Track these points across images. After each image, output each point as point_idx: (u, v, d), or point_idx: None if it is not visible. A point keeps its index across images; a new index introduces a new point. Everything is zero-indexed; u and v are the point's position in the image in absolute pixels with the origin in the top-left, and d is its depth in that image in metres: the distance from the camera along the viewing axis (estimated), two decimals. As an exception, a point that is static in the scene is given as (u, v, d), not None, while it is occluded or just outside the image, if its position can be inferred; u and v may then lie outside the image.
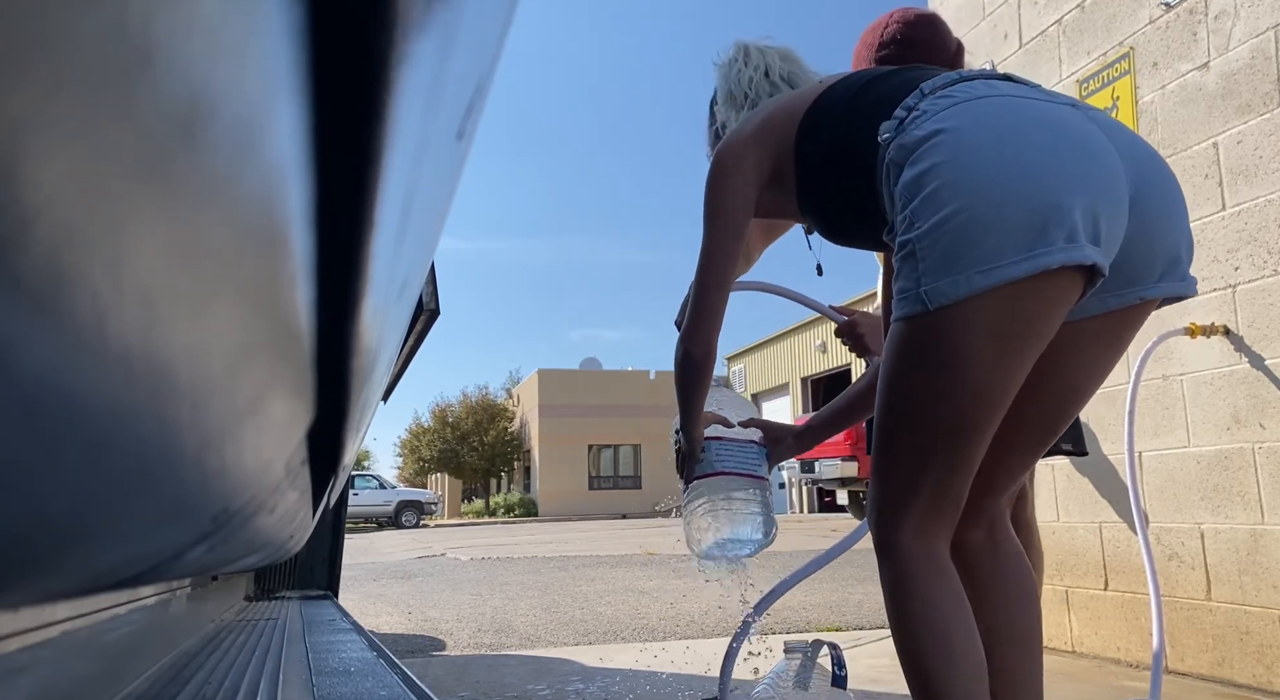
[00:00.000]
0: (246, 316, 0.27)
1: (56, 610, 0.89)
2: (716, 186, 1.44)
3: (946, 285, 1.10)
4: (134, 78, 0.15)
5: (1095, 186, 1.11)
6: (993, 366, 1.15)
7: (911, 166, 1.15)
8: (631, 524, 17.57)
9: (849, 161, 1.29)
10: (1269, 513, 2.48)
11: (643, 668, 3.10)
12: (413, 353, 3.47)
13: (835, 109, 1.35)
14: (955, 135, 1.14)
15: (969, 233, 1.09)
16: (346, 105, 0.26)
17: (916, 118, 1.20)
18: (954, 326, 1.12)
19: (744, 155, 1.41)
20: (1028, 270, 1.08)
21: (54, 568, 0.27)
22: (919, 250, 1.12)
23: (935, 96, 1.22)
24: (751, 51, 1.77)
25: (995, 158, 1.12)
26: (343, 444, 0.69)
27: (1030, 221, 1.09)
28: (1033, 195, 1.09)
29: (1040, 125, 1.15)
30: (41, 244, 0.15)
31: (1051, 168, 1.11)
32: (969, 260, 1.09)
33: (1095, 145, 1.15)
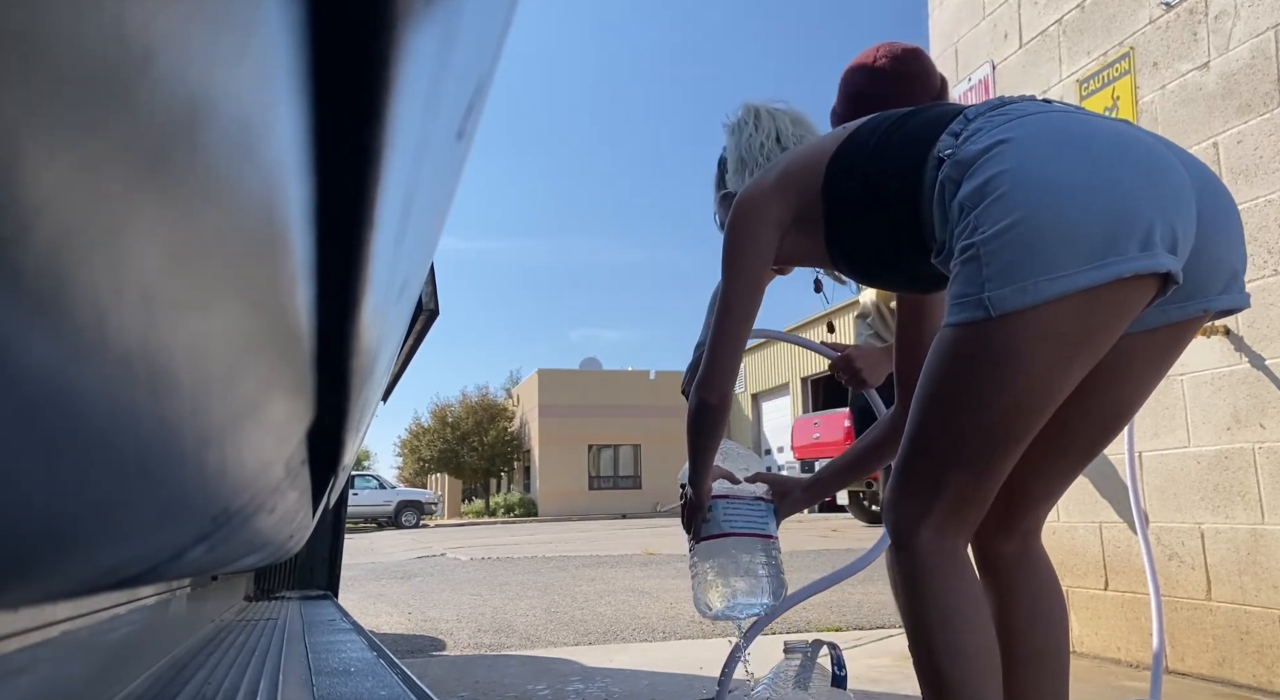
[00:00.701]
0: (246, 316, 0.27)
1: (56, 610, 0.89)
2: (737, 236, 1.42)
3: (1013, 292, 1.07)
4: (134, 78, 0.15)
5: (1167, 195, 1.09)
6: (1047, 376, 1.12)
7: (972, 178, 1.13)
8: (631, 524, 17.57)
9: (887, 195, 1.27)
10: (1269, 513, 2.48)
11: (643, 668, 3.10)
12: (412, 353, 3.47)
13: (864, 150, 1.32)
14: (1020, 144, 1.12)
15: (1038, 239, 1.06)
16: (346, 105, 0.26)
17: (971, 135, 1.18)
18: (1014, 334, 1.09)
19: (765, 205, 1.40)
20: (1100, 278, 1.05)
21: (54, 568, 0.27)
22: (984, 254, 1.09)
23: (987, 116, 1.20)
24: (762, 115, 1.74)
25: (1064, 164, 1.10)
26: (343, 444, 0.69)
27: (1103, 229, 1.06)
28: (1105, 202, 1.07)
29: (1105, 135, 1.13)
30: (41, 244, 0.15)
31: (1122, 175, 1.09)
32: (1037, 267, 1.06)
33: (1161, 156, 1.13)
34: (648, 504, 26.21)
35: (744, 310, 1.42)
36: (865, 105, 1.79)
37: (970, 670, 1.17)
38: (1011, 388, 1.13)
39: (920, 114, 1.31)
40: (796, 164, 1.41)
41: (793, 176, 1.40)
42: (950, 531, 1.21)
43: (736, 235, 1.42)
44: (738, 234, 1.42)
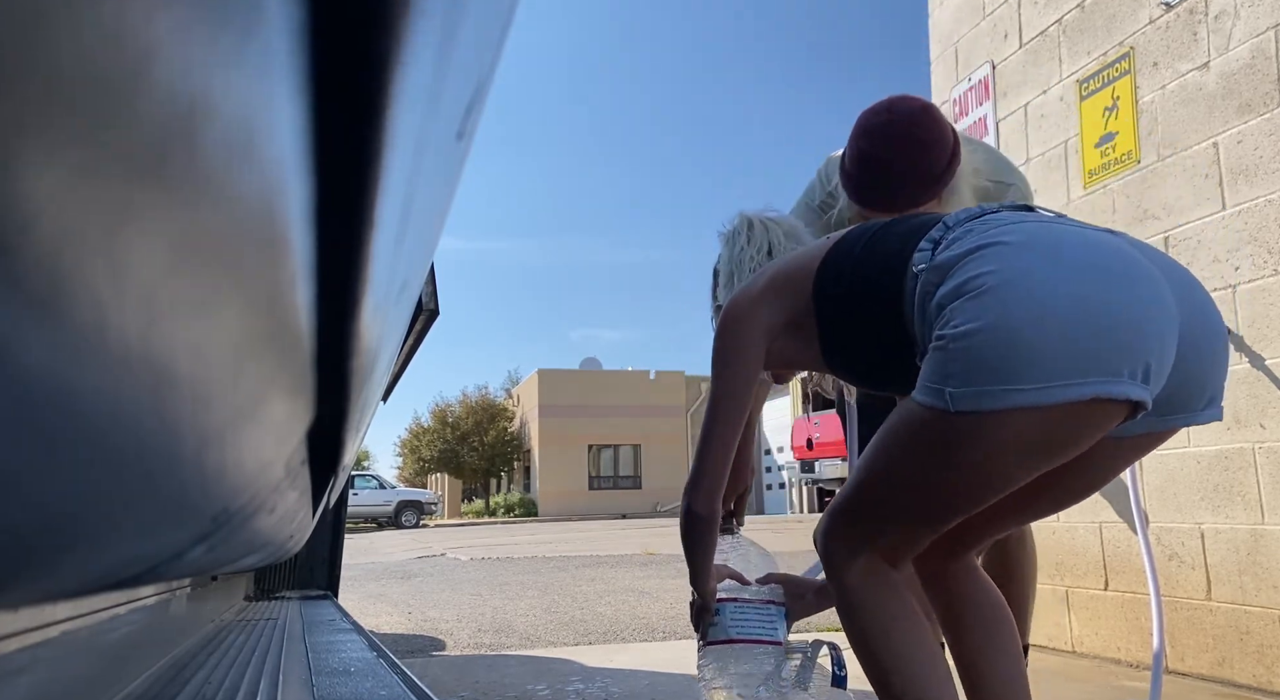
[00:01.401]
0: (246, 316, 0.27)
1: (56, 610, 0.89)
2: (726, 342, 1.43)
3: (974, 395, 1.07)
4: (134, 78, 0.15)
5: (1147, 323, 1.08)
6: (996, 475, 1.15)
7: (952, 278, 1.13)
8: (631, 524, 17.57)
9: (871, 302, 1.27)
10: (1269, 513, 2.48)
11: (643, 668, 3.10)
12: (412, 353, 3.47)
13: (850, 259, 1.33)
14: (1006, 248, 1.11)
15: (1006, 348, 1.06)
16: (346, 105, 0.26)
17: (951, 242, 1.18)
18: (970, 432, 1.10)
19: (752, 312, 1.40)
20: (1058, 398, 1.05)
21: (54, 568, 0.27)
22: (952, 349, 1.09)
23: (967, 224, 1.21)
24: (756, 227, 1.73)
25: (1046, 277, 1.08)
26: (343, 444, 0.69)
27: (1073, 349, 1.05)
28: (1080, 322, 1.06)
29: (1090, 249, 1.12)
30: (41, 244, 0.15)
31: (1103, 298, 1.08)
32: (1002, 375, 1.05)
33: (1145, 275, 1.11)
34: (648, 504, 26.21)
35: (733, 417, 1.42)
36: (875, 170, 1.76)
37: (917, 676, 1.23)
38: (960, 477, 1.16)
39: (903, 223, 1.32)
40: (785, 272, 1.41)
41: (781, 284, 1.40)
42: (880, 567, 1.27)
43: (725, 342, 1.43)
44: (726, 341, 1.43)
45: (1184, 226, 2.78)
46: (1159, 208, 2.87)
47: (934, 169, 1.76)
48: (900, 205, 1.77)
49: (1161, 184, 2.86)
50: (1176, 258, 2.80)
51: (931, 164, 1.75)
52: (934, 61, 4.00)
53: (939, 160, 1.76)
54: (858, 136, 1.80)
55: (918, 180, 1.75)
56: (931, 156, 1.76)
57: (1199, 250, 2.72)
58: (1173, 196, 2.82)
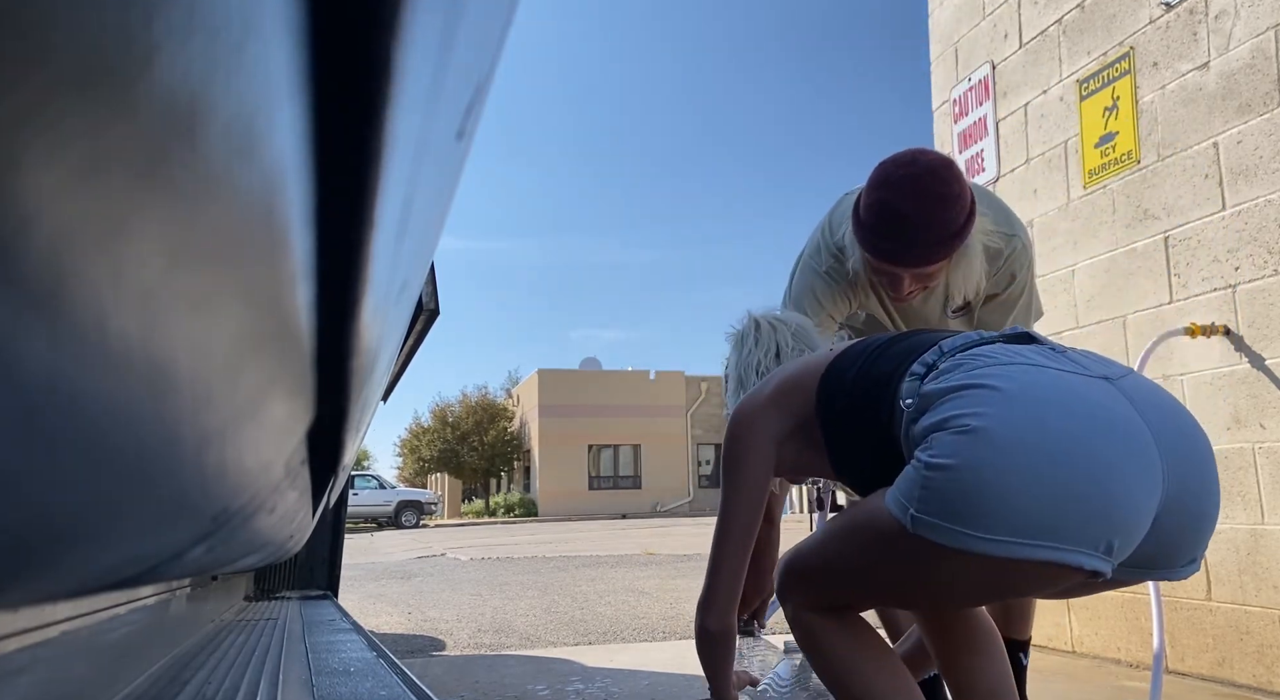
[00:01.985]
0: (246, 316, 0.27)
1: (56, 610, 0.89)
2: (735, 447, 1.42)
3: (934, 527, 1.08)
4: (134, 77, 0.15)
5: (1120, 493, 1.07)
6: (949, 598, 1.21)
7: (934, 412, 1.13)
8: (631, 524, 17.57)
9: (869, 422, 1.28)
10: (1269, 513, 2.48)
11: (643, 668, 3.10)
12: (413, 353, 3.47)
13: (847, 377, 1.34)
14: (990, 394, 1.11)
15: (974, 494, 1.06)
16: (346, 105, 0.26)
17: (940, 374, 1.19)
18: (926, 558, 1.12)
19: (760, 419, 1.40)
20: (1013, 554, 1.06)
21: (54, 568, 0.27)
22: (925, 477, 1.10)
23: (961, 355, 1.21)
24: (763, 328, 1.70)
25: (1027, 432, 1.08)
26: (343, 444, 0.69)
27: (1041, 510, 1.05)
28: (1053, 484, 1.06)
29: (1075, 410, 1.11)
30: (42, 244, 0.15)
31: (1077, 464, 1.07)
32: (964, 516, 1.06)
33: (1131, 443, 1.09)
34: (648, 504, 26.21)
35: (745, 527, 1.40)
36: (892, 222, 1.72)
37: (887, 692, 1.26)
38: (909, 587, 1.20)
39: (900, 342, 1.33)
40: (792, 379, 1.42)
41: (789, 390, 1.41)
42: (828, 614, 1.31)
43: (734, 448, 1.42)
44: (735, 447, 1.42)
45: (1184, 226, 2.78)
46: (1159, 208, 2.86)
47: (951, 226, 1.72)
48: (912, 260, 1.73)
49: (1161, 184, 2.86)
50: (1176, 258, 2.80)
51: (950, 221, 1.71)
52: (934, 61, 4.00)
53: (957, 218, 1.71)
54: (878, 186, 1.73)
55: (934, 236, 1.71)
56: (951, 213, 1.71)
57: (1199, 250, 2.72)
58: (1173, 196, 2.81)
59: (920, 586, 1.19)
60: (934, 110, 3.99)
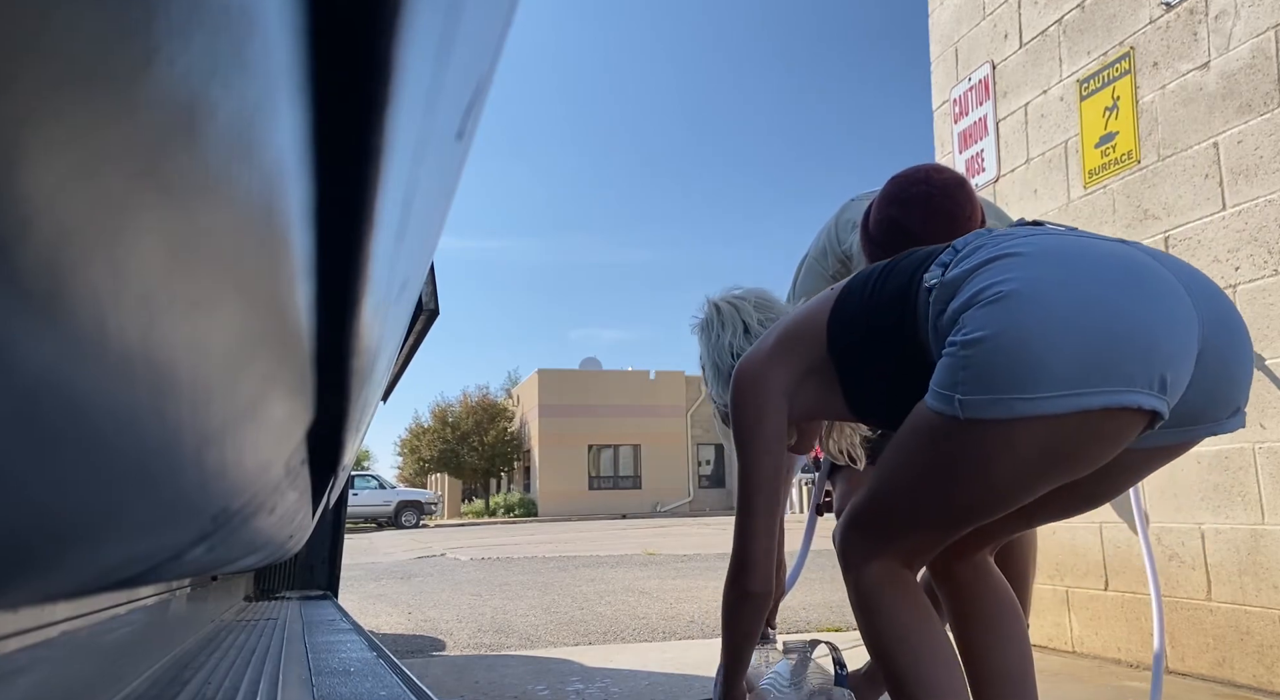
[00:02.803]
0: (246, 316, 0.27)
1: (56, 610, 0.89)
2: (745, 407, 1.38)
3: (984, 402, 1.05)
4: (134, 78, 0.15)
5: (1164, 332, 1.06)
6: (1010, 487, 1.12)
7: (964, 291, 1.11)
8: (631, 524, 17.57)
9: (887, 334, 1.25)
10: (1269, 513, 2.48)
11: (643, 668, 3.10)
12: (413, 353, 3.47)
13: (859, 300, 1.30)
14: (1019, 259, 1.10)
15: (1018, 355, 1.03)
16: (346, 105, 0.26)
17: (961, 260, 1.16)
18: (983, 442, 1.08)
19: (765, 373, 1.37)
20: (1069, 407, 1.03)
21: (54, 568, 0.27)
22: (962, 355, 1.07)
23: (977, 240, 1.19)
24: (724, 310, 1.68)
25: (1061, 285, 1.06)
26: (343, 444, 0.69)
27: (1086, 357, 1.03)
28: (1094, 330, 1.04)
29: (1104, 260, 1.10)
30: (42, 244, 0.15)
31: (1117, 304, 1.05)
32: (1012, 383, 1.03)
33: (1163, 285, 1.09)
34: (648, 504, 26.20)
35: (770, 484, 1.36)
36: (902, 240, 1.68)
37: (931, 677, 1.21)
38: (973, 488, 1.14)
39: (909, 256, 1.30)
40: (792, 330, 1.38)
41: (791, 342, 1.37)
42: (892, 568, 1.26)
43: (743, 408, 1.38)
44: (744, 406, 1.37)
45: (1184, 226, 2.78)
46: (1159, 208, 2.86)
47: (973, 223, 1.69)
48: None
49: (1161, 184, 2.86)
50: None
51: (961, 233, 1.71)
52: (934, 61, 4.00)
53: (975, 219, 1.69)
54: (889, 203, 1.71)
55: None
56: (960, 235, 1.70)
57: (1199, 250, 2.72)
58: (1173, 196, 2.81)
59: (984, 488, 1.13)
60: (934, 110, 3.99)
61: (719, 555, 8.19)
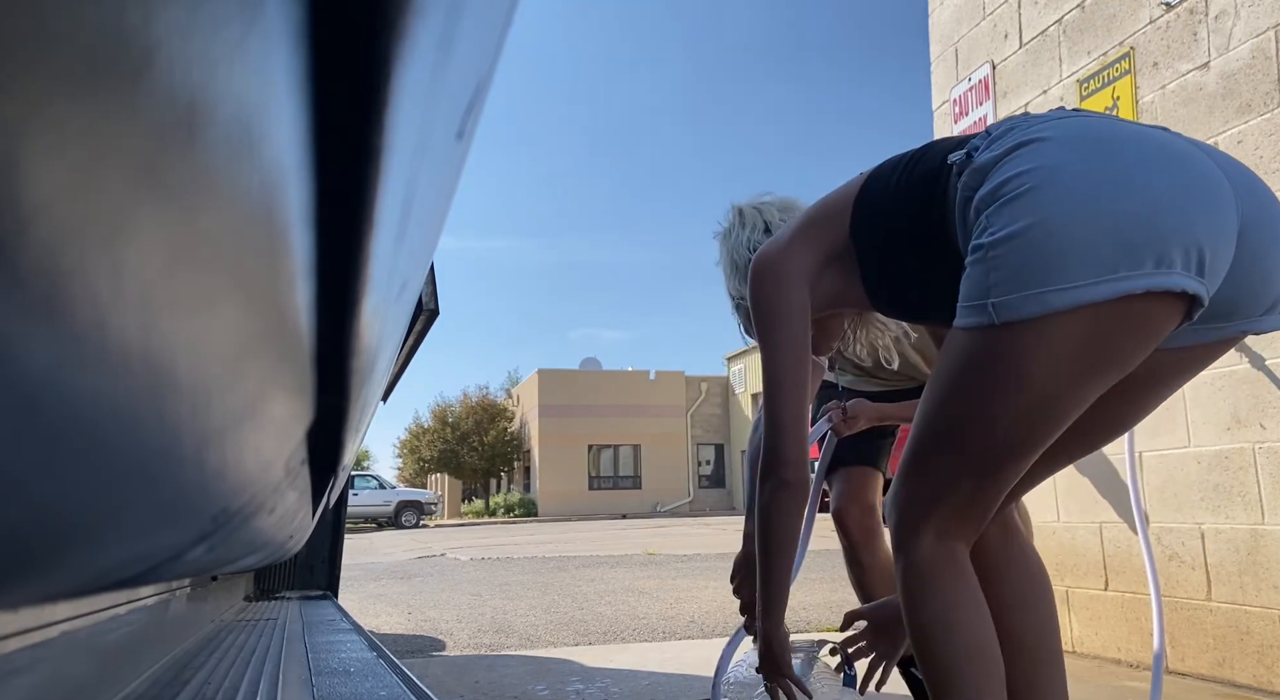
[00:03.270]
0: (246, 316, 0.27)
1: (56, 610, 0.89)
2: (765, 292, 1.32)
3: (1018, 301, 1.00)
4: (134, 78, 0.15)
5: (1201, 211, 1.01)
6: (1056, 392, 1.05)
7: (990, 180, 1.06)
8: (631, 524, 17.57)
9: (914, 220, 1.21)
10: (1269, 513, 2.48)
11: (643, 668, 3.10)
12: (412, 353, 3.47)
13: (888, 184, 1.26)
14: (1044, 145, 1.05)
15: (1050, 246, 0.99)
16: (346, 105, 0.26)
17: (992, 143, 1.11)
18: (1023, 345, 1.03)
19: (785, 259, 1.32)
20: (1108, 293, 0.98)
21: (54, 568, 0.27)
22: (991, 257, 1.02)
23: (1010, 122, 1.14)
24: (746, 212, 1.66)
25: (1088, 169, 1.02)
26: (343, 444, 0.69)
27: (1120, 241, 0.98)
28: (1127, 213, 0.99)
29: (1140, 142, 1.05)
30: (41, 244, 0.15)
31: (1151, 186, 1.00)
32: (1047, 276, 0.99)
33: (1201, 170, 1.04)
34: (648, 504, 26.20)
35: (796, 377, 1.31)
36: None
37: (973, 670, 1.15)
38: (1018, 401, 1.06)
39: (942, 141, 1.25)
40: (818, 212, 1.34)
41: (812, 229, 1.33)
42: (952, 536, 1.17)
43: (764, 293, 1.32)
44: (765, 291, 1.32)
45: (1184, 226, 2.78)
46: (1159, 208, 2.86)
47: None
48: None
49: (1161, 184, 2.86)
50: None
51: None
52: (934, 61, 4.00)
53: None
54: None
55: None
56: None
57: (1199, 250, 2.72)
58: (1173, 196, 2.82)
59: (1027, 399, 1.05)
60: (934, 110, 3.99)
61: (719, 555, 8.19)
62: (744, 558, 1.74)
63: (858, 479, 2.10)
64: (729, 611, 4.43)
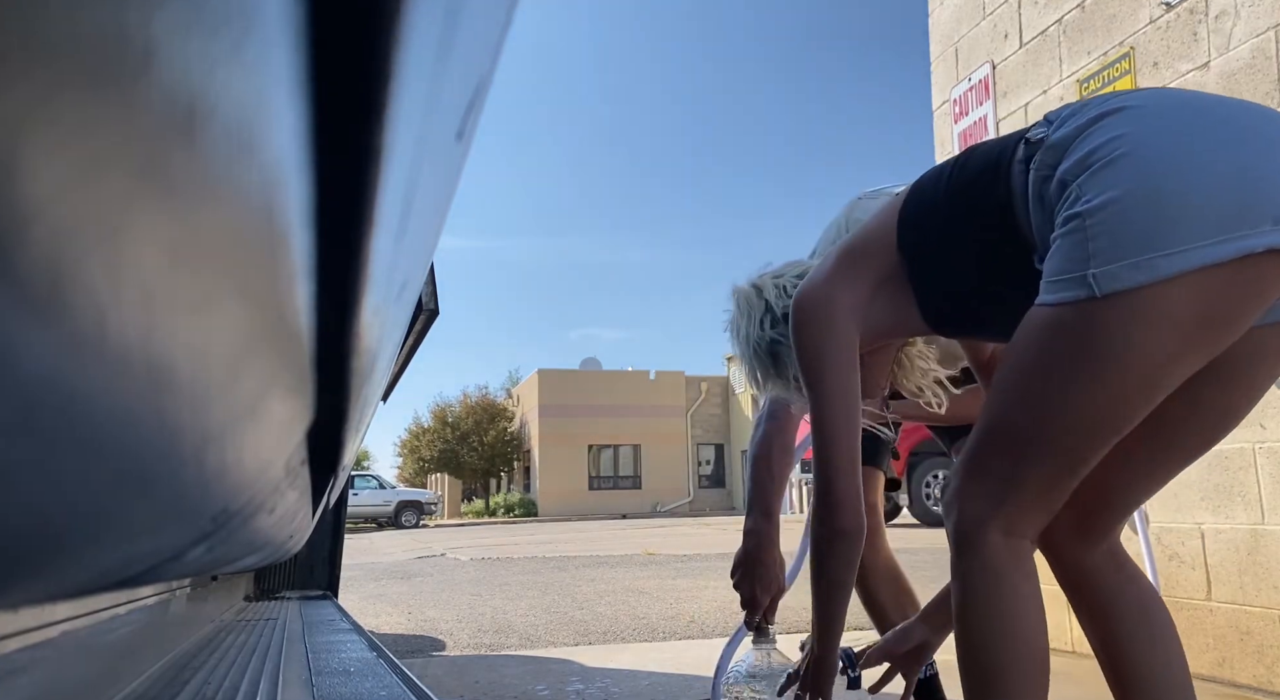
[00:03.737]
0: (246, 316, 0.27)
1: (56, 610, 0.89)
2: (811, 335, 1.25)
3: (1124, 269, 0.94)
4: (134, 78, 0.15)
5: None
6: (1157, 366, 0.99)
7: (1074, 152, 1.01)
8: (631, 524, 17.57)
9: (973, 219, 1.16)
10: (1269, 513, 2.48)
11: (643, 668, 3.10)
12: (413, 353, 3.47)
13: (936, 194, 1.21)
14: (1134, 112, 1.00)
15: (1155, 209, 0.94)
16: (346, 105, 0.26)
17: (1068, 118, 1.06)
18: (1123, 317, 0.97)
19: (828, 295, 1.25)
20: (1226, 254, 0.92)
21: (54, 568, 0.27)
22: (1090, 226, 0.96)
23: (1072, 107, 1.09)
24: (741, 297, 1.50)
25: (1186, 130, 0.97)
26: (343, 444, 0.69)
27: (1230, 199, 0.93)
28: (1233, 170, 0.94)
29: (1224, 104, 1.01)
30: (41, 244, 0.15)
31: (1252, 144, 0.96)
32: (1153, 241, 0.93)
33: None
34: (648, 504, 26.21)
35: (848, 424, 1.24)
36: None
37: (1024, 679, 1.11)
38: (1114, 377, 1.00)
39: (982, 145, 1.21)
40: (858, 242, 1.28)
41: (857, 253, 1.27)
42: (1018, 533, 1.10)
43: (808, 342, 1.26)
44: (808, 340, 1.25)
45: (1184, 226, 2.78)
46: (1159, 208, 2.86)
47: None
48: None
49: (1161, 184, 2.86)
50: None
51: None
52: (934, 61, 4.00)
53: None
54: None
55: None
56: None
57: (1199, 250, 2.72)
58: (1173, 196, 2.82)
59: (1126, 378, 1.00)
60: (934, 110, 3.99)
61: (719, 555, 8.19)
62: (744, 553, 1.74)
63: (866, 478, 2.10)
64: (729, 611, 4.43)
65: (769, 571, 1.72)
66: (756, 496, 1.78)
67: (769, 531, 1.74)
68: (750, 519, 1.77)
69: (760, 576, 1.71)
